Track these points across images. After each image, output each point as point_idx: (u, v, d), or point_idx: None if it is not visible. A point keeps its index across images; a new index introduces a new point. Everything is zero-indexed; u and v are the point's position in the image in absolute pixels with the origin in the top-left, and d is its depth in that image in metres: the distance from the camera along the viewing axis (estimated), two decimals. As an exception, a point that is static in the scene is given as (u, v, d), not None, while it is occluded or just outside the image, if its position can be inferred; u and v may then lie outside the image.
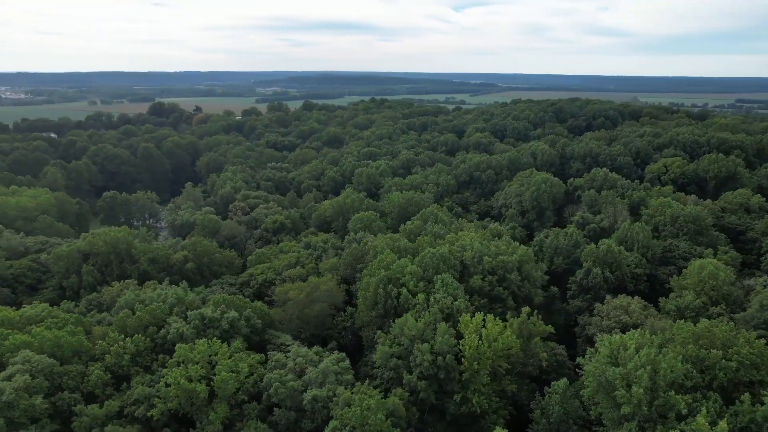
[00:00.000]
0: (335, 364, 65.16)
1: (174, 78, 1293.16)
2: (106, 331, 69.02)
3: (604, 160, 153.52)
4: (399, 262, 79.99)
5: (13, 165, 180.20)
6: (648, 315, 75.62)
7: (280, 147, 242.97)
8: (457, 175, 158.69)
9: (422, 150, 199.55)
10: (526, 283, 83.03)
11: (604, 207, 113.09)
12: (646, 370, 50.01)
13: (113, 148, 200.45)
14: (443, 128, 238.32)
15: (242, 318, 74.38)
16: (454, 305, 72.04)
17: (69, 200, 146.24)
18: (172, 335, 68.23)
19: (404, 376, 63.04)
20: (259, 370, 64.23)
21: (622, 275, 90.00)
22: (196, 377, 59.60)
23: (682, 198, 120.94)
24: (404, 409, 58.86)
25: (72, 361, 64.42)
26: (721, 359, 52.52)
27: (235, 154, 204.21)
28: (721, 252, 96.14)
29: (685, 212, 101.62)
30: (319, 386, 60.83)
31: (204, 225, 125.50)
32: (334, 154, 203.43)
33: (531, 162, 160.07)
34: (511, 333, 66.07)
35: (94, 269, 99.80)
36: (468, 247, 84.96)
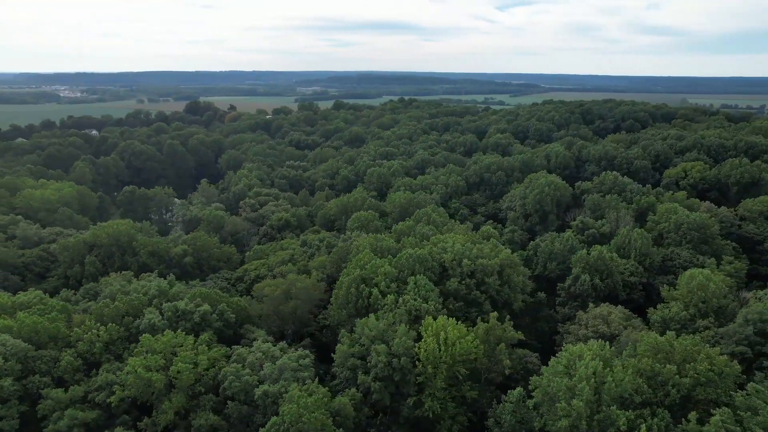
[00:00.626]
0: (295, 361, 65.71)
1: (219, 77, 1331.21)
2: (83, 318, 72.03)
3: (620, 163, 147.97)
4: (374, 262, 79.81)
5: (47, 159, 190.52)
6: (629, 326, 72.56)
7: (303, 146, 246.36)
8: (467, 177, 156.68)
9: (439, 150, 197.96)
10: (506, 288, 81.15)
11: (607, 212, 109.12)
12: (589, 382, 48.10)
13: (141, 144, 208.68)
14: (465, 129, 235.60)
15: (216, 312, 76.10)
16: (423, 307, 71.33)
17: (90, 194, 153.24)
18: (143, 325, 70.56)
19: (359, 376, 62.91)
20: (220, 364, 65.53)
21: (613, 283, 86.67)
22: (155, 367, 61.41)
23: (695, 204, 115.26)
24: (353, 409, 58.75)
25: (48, 346, 67.60)
26: (675, 375, 49.85)
27: (256, 152, 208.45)
28: (726, 262, 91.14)
29: (689, 219, 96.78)
30: (274, 382, 61.52)
31: (209, 220, 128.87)
32: (352, 154, 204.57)
33: (544, 164, 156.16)
34: (474, 339, 64.81)
35: (97, 260, 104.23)
36: (448, 249, 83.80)
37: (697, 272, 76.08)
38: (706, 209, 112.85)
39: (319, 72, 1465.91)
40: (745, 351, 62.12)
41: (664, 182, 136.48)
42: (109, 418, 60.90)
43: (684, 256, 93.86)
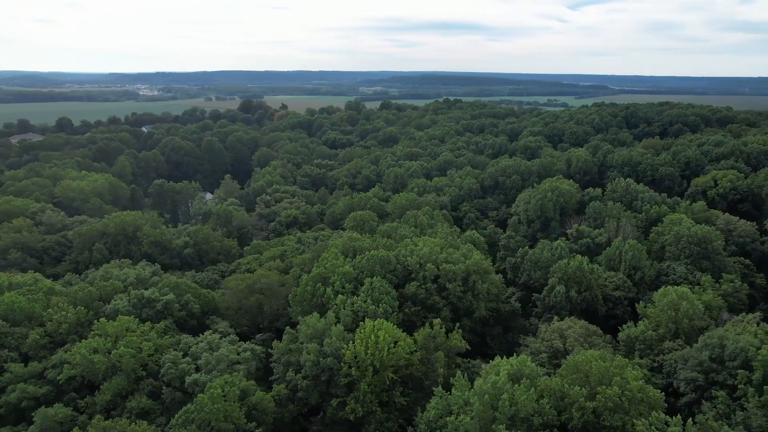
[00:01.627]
0: (235, 353, 67.64)
1: (286, 77, 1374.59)
2: (59, 300, 77.65)
3: (644, 170, 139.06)
4: (334, 261, 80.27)
5: (96, 153, 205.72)
6: (589, 342, 68.51)
7: (338, 145, 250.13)
8: (482, 180, 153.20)
9: (466, 152, 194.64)
10: (468, 295, 78.98)
11: (608, 220, 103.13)
12: (482, 398, 46.22)
13: (181, 140, 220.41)
14: (500, 131, 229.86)
15: (182, 302, 79.59)
16: (371, 309, 70.97)
17: (122, 186, 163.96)
18: (108, 310, 75.10)
19: (288, 373, 63.76)
20: (167, 351, 68.53)
21: (591, 296, 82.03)
22: (102, 350, 65.26)
23: (713, 216, 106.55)
24: (274, 404, 59.65)
25: (22, 324, 73.53)
26: (581, 398, 46.77)
27: (287, 150, 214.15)
28: (725, 280, 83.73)
29: (689, 232, 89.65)
30: (208, 372, 63.63)
31: (218, 214, 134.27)
32: (379, 153, 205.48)
33: (564, 169, 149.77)
34: (410, 344, 63.81)
35: (104, 247, 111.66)
36: (415, 253, 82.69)
37: (671, 290, 70.54)
38: (724, 222, 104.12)
39: (382, 72, 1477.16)
40: (696, 377, 57.01)
41: (689, 191, 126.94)
42: (59, 394, 65.37)
43: (679, 272, 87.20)
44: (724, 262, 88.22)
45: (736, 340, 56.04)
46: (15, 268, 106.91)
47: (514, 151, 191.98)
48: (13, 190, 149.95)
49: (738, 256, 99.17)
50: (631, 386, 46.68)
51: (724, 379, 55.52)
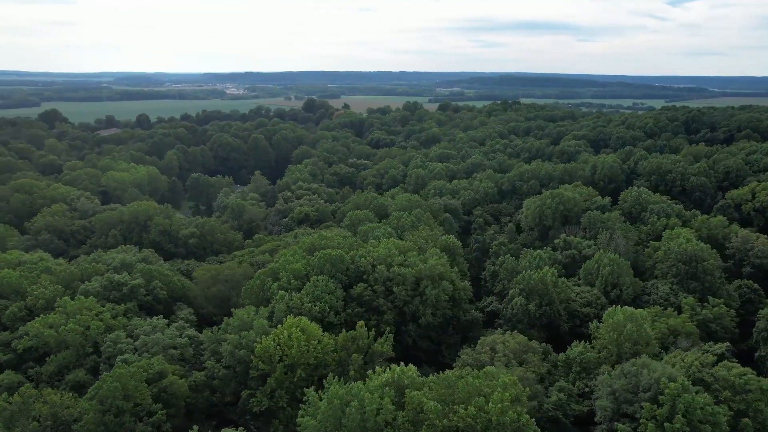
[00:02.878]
0: (174, 339, 71.24)
1: (366, 77, 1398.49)
2: (45, 279, 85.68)
3: (673, 179, 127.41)
4: (288, 257, 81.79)
5: (151, 147, 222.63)
6: (520, 359, 64.65)
7: (381, 145, 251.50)
8: (501, 184, 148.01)
9: (501, 155, 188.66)
10: (416, 300, 77.27)
11: (601, 231, 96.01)
12: (331, 403, 45.64)
13: (229, 137, 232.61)
14: (546, 134, 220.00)
15: (149, 287, 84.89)
16: (305, 307, 71.79)
17: (161, 178, 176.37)
18: (80, 290, 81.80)
19: (207, 361, 66.21)
20: (118, 331, 73.51)
21: (552, 311, 77.10)
22: (56, 325, 71.36)
23: (733, 231, 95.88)
24: (185, 389, 62.24)
25: (9, 297, 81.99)
26: (431, 414, 44.53)
27: (325, 148, 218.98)
28: (711, 305, 75.30)
29: (677, 249, 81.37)
30: (141, 353, 67.62)
31: (232, 208, 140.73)
32: (412, 154, 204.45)
33: (588, 176, 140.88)
34: (328, 344, 63.89)
35: (118, 233, 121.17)
36: (370, 254, 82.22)
37: (619, 311, 64.75)
38: (741, 240, 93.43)
39: (462, 73, 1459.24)
40: (607, 406, 52.10)
41: (719, 204, 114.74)
42: (20, 362, 72.36)
43: (661, 291, 79.63)
44: (716, 284, 79.12)
45: (653, 370, 50.57)
46: (42, 248, 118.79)
47: (550, 155, 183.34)
48: (68, 179, 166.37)
49: (752, 278, 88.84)
50: (489, 408, 43.73)
51: (634, 411, 50.39)
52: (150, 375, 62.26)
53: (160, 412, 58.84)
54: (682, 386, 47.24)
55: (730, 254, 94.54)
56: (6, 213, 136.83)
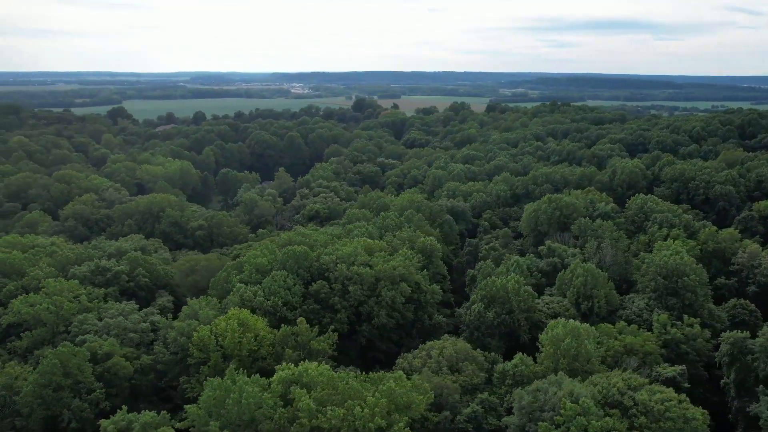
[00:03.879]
0: (137, 323, 75.10)
1: (430, 77, 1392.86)
2: (45, 261, 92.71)
3: (696, 187, 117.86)
4: (253, 252, 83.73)
5: (192, 143, 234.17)
6: (455, 368, 62.63)
7: (416, 144, 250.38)
8: (515, 187, 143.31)
9: (529, 158, 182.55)
10: (371, 301, 76.73)
11: (590, 240, 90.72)
12: (214, 392, 46.57)
13: (266, 135, 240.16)
14: (584, 137, 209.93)
15: (133, 274, 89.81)
16: (257, 300, 73.39)
17: (191, 173, 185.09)
18: (70, 273, 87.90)
19: (156, 346, 69.18)
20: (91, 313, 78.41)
21: (512, 320, 73.97)
22: (36, 304, 77.18)
23: (745, 246, 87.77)
24: (128, 370, 65.41)
25: (11, 276, 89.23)
26: (301, 413, 44.24)
27: (355, 147, 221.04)
28: (684, 324, 69.37)
29: (657, 263, 75.43)
30: (100, 335, 71.82)
31: (245, 203, 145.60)
32: (440, 154, 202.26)
33: (606, 181, 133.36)
34: (260, 337, 65.05)
35: (133, 223, 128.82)
36: (334, 252, 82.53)
37: (559, 324, 61.15)
38: (748, 255, 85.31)
39: (529, 74, 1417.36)
40: (511, 422, 49.50)
41: (740, 216, 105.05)
42: (5, 337, 78.89)
43: (636, 307, 74.34)
44: (698, 302, 72.57)
45: (562, 388, 47.47)
46: (67, 233, 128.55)
47: (581, 159, 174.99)
48: (108, 171, 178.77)
49: (756, 298, 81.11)
50: (357, 413, 42.83)
51: (536, 429, 47.56)
52: (99, 355, 66.10)
53: (99, 390, 62.33)
54: (581, 407, 44.00)
55: (735, 271, 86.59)
56: (46, 200, 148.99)
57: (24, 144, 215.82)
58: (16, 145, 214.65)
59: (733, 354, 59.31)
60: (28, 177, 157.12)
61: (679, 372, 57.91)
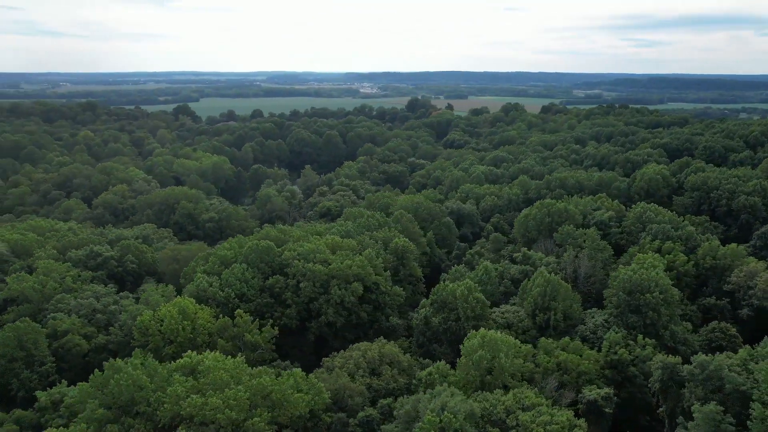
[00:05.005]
0: (107, 306, 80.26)
1: (502, 78, 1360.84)
2: (51, 244, 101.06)
3: (718, 196, 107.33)
4: (224, 245, 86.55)
5: (236, 140, 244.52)
6: (374, 371, 61.58)
7: (455, 145, 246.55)
8: (528, 191, 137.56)
9: (561, 161, 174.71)
10: (321, 299, 76.95)
11: (568, 248, 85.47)
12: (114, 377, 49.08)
13: (306, 133, 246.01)
14: (629, 141, 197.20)
15: (123, 259, 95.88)
16: (209, 291, 75.98)
17: (223, 168, 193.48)
18: (68, 255, 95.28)
19: (113, 327, 73.56)
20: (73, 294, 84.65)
21: (458, 327, 71.48)
22: (26, 281, 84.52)
23: (747, 263, 79.39)
24: (82, 348, 70.06)
25: (21, 255, 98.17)
26: (173, 397, 45.46)
27: (389, 147, 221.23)
28: (637, 344, 63.84)
29: (622, 276, 69.72)
30: (71, 314, 77.44)
31: (260, 198, 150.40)
32: (469, 156, 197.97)
33: (625, 187, 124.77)
34: (198, 326, 67.37)
35: (151, 213, 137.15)
36: (297, 248, 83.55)
37: (477, 334, 58.32)
38: (746, 274, 77.04)
39: (607, 74, 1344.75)
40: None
41: (761, 231, 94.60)
42: (2, 311, 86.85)
43: (592, 324, 69.37)
44: (660, 322, 66.27)
45: (431, 401, 45.52)
46: (95, 220, 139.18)
47: (614, 164, 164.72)
48: (149, 164, 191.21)
49: (749, 323, 73.38)
50: (211, 401, 43.43)
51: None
52: (59, 332, 71.39)
53: (50, 364, 67.35)
54: (442, 422, 41.92)
55: (730, 291, 78.34)
56: (86, 189, 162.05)
57: (88, 138, 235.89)
58: (81, 138, 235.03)
59: (663, 380, 53.63)
60: (74, 168, 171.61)
61: (602, 395, 53.37)
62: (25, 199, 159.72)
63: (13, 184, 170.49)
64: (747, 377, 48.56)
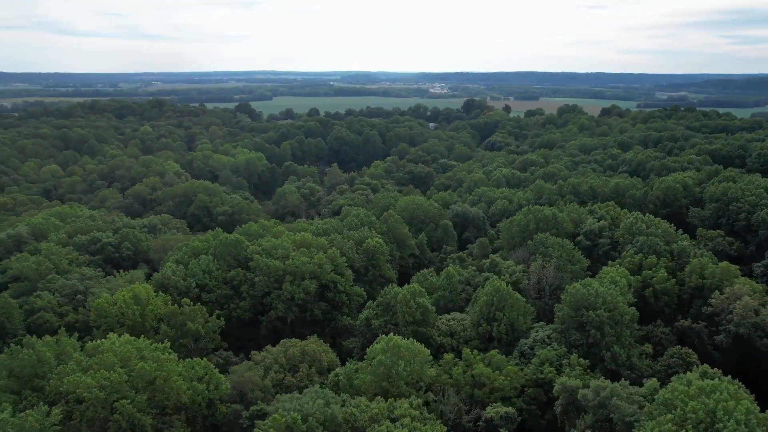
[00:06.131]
0: (89, 288, 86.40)
1: (579, 79, 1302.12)
2: (64, 228, 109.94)
3: (736, 209, 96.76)
4: (199, 237, 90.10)
5: (279, 137, 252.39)
6: (292, 368, 61.82)
7: (496, 147, 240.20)
8: (541, 196, 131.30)
9: (593, 166, 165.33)
10: (274, 293, 78.16)
11: (537, 257, 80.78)
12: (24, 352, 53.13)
13: (345, 131, 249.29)
14: (677, 147, 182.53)
15: (120, 245, 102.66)
16: (171, 280, 79.58)
17: (256, 164, 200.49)
18: (74, 241, 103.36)
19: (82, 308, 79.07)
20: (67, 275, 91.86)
21: (397, 332, 69.87)
22: (27, 261, 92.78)
23: (737, 285, 71.64)
24: (54, 326, 75.94)
25: (38, 237, 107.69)
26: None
27: (423, 147, 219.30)
28: (571, 362, 59.47)
29: (571, 290, 64.90)
30: (54, 293, 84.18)
31: (277, 194, 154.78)
32: (500, 159, 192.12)
33: (640, 196, 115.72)
34: (146, 311, 70.85)
35: (172, 204, 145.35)
36: (263, 244, 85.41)
37: (385, 338, 56.83)
38: (729, 296, 69.55)
39: (698, 75, 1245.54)
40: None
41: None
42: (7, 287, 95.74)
43: (532, 339, 65.39)
44: (603, 342, 60.97)
45: (280, 407, 45.15)
46: (124, 209, 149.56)
47: (649, 171, 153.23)
48: (189, 158, 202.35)
49: (728, 353, 66.45)
50: (85, 380, 45.77)
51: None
52: (35, 308, 77.87)
53: (20, 337, 73.55)
54: (286, 421, 41.49)
55: (709, 314, 70.83)
56: (126, 180, 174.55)
57: (146, 133, 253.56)
58: (140, 133, 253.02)
59: (564, 404, 49.28)
60: (119, 160, 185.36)
61: (501, 414, 50.16)
62: (75, 187, 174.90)
63: (69, 173, 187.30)
64: (639, 408, 43.63)
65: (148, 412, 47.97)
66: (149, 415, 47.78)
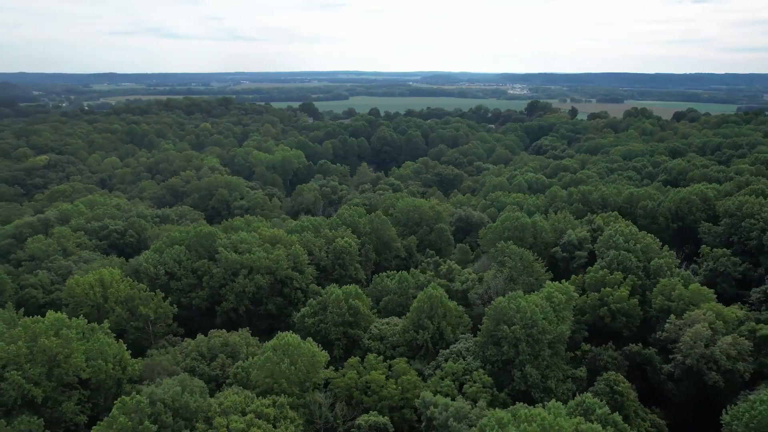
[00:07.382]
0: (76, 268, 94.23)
1: (674, 80, 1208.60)
2: (87, 214, 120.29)
3: (749, 226, 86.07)
4: (179, 228, 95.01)
5: (325, 136, 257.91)
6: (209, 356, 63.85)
7: (542, 151, 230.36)
8: (554, 202, 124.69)
9: (628, 173, 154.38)
10: (228, 285, 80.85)
11: (492, 266, 76.99)
12: None
13: (389, 131, 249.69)
14: (737, 155, 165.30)
15: (125, 234, 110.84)
16: (143, 267, 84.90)
17: (291, 161, 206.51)
18: (88, 227, 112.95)
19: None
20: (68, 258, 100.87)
21: (325, 329, 69.96)
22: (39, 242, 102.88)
23: (712, 309, 64.83)
24: (40, 301, 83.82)
25: (62, 222, 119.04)
26: None
27: (461, 149, 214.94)
28: (473, 378, 56.58)
29: (495, 304, 61.35)
30: (50, 272, 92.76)
31: (297, 191, 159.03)
32: (534, 163, 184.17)
33: (653, 206, 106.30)
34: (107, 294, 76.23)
35: (196, 197, 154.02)
36: (233, 238, 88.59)
37: (283, 335, 57.04)
38: (685, 322, 62.97)
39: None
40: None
41: None
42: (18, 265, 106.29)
43: (450, 351, 62.77)
44: (516, 360, 57.04)
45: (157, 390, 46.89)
46: (156, 200, 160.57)
47: (690, 181, 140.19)
48: (231, 154, 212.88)
49: (681, 392, 60.55)
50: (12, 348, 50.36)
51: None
52: (26, 284, 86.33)
53: (9, 308, 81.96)
54: (123, 402, 43.31)
55: (663, 341, 64.23)
56: (168, 173, 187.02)
57: (205, 129, 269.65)
58: (200, 130, 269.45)
59: (426, 419, 46.54)
60: (165, 154, 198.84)
61: (372, 423, 48.74)
62: (125, 178, 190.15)
63: (124, 165, 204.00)
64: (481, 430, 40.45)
65: (44, 385, 51.99)
66: (44, 387, 51.80)
